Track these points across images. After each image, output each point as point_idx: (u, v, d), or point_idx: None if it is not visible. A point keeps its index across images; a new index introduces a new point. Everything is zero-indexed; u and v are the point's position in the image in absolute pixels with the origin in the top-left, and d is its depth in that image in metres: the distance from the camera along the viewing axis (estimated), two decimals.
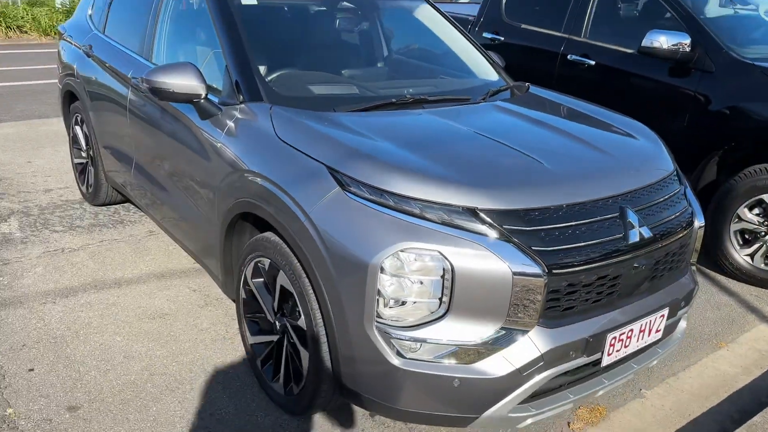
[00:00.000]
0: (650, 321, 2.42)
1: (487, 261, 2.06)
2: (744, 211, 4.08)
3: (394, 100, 2.94)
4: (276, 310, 2.66)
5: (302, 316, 2.42)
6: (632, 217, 2.31)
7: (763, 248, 4.06)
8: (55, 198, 4.94)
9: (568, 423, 2.78)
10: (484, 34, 5.79)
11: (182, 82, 2.80)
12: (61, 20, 16.56)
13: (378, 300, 2.11)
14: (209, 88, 2.86)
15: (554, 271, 2.11)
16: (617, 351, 2.35)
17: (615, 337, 2.30)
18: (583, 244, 2.19)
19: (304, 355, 2.46)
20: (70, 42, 4.68)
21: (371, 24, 3.71)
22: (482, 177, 2.24)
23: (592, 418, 2.82)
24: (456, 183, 2.17)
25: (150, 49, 3.60)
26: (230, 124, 2.80)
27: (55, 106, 8.26)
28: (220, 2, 3.11)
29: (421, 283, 2.09)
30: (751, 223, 4.07)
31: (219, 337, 3.23)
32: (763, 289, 4.10)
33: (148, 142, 3.51)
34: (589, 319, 2.25)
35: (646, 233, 2.32)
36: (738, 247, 4.15)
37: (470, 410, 2.18)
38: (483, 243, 2.07)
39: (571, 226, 2.20)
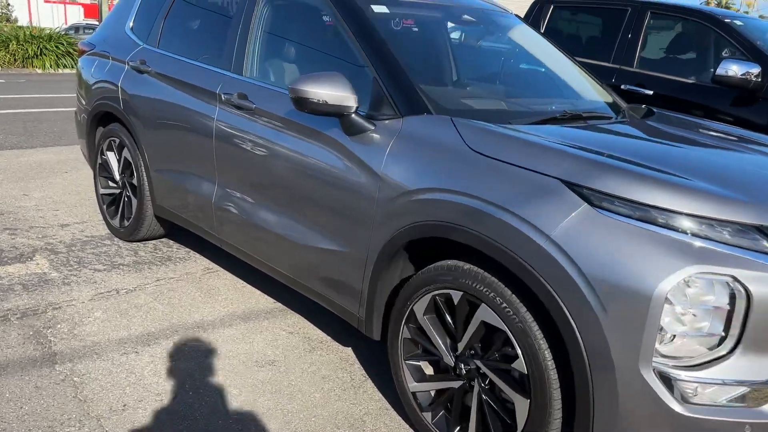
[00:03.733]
0: None
1: None
2: None
3: (558, 115, 2.71)
4: (459, 350, 2.30)
5: (520, 357, 2.08)
6: None
7: None
8: (76, 233, 4.34)
9: None
10: None
11: (334, 93, 2.45)
12: None
13: (658, 335, 1.81)
14: None
15: None
16: None
17: None
18: None
19: (521, 404, 2.11)
20: (105, 57, 4.18)
21: (489, 38, 3.47)
22: (760, 192, 2.01)
23: None
24: (736, 199, 1.92)
25: (240, 63, 3.20)
26: (391, 139, 2.45)
27: (23, 137, 7.56)
28: (355, 10, 2.78)
29: (710, 313, 1.81)
30: None
31: (347, 385, 2.80)
32: None
33: (247, 164, 3.09)
34: None
35: None
36: None
37: None
38: None
39: None
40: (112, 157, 4.21)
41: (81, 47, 4.62)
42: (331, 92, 2.46)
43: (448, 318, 2.34)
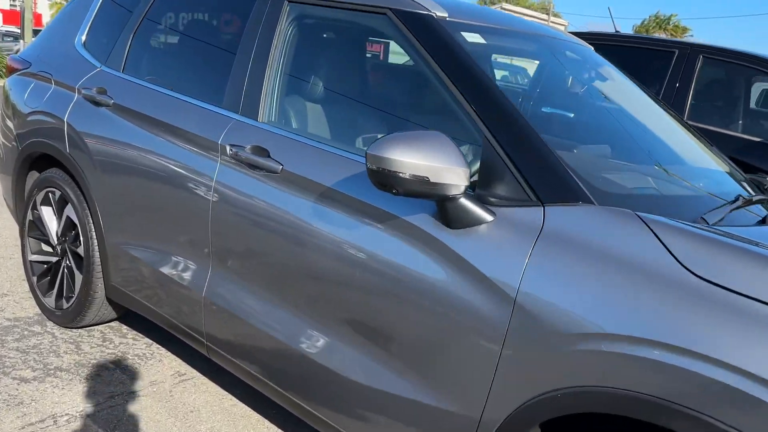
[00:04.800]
0: None
1: None
2: None
3: (740, 202, 1.89)
4: None
5: None
6: None
7: None
8: None
9: None
10: None
11: (438, 165, 1.54)
12: None
13: None
14: None
15: None
16: None
17: None
18: None
19: None
20: (45, 80, 3.11)
21: (587, 83, 2.62)
22: None
23: None
24: None
25: (254, 103, 2.24)
26: (530, 240, 1.56)
27: None
28: (443, 37, 1.89)
29: None
30: None
31: None
32: None
33: (265, 250, 2.12)
34: None
35: None
36: None
37: None
38: None
39: None
40: (48, 214, 3.12)
41: (11, 63, 3.52)
42: (434, 163, 1.55)
43: None
